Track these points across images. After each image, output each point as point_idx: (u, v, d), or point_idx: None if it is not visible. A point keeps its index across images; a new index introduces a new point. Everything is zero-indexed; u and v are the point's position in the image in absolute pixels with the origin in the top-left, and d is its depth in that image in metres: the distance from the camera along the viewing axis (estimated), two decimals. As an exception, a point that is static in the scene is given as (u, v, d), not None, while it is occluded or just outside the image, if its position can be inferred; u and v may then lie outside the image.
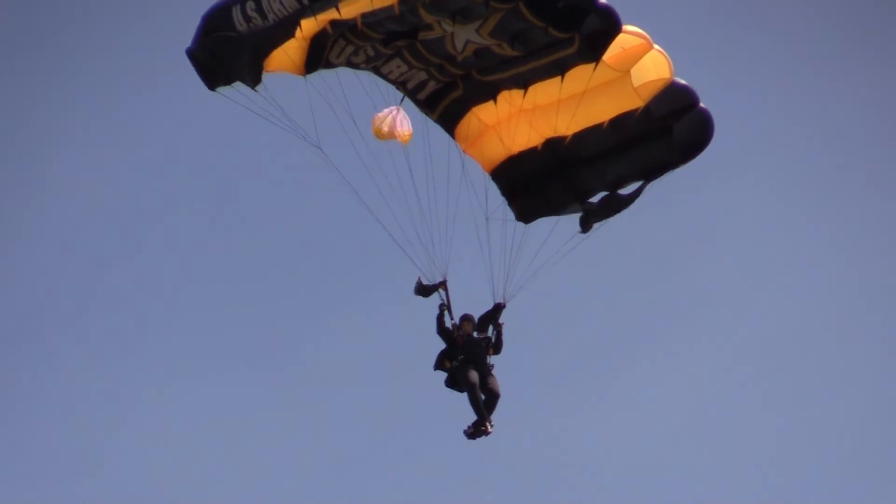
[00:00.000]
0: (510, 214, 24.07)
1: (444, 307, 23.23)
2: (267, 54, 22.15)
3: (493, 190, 24.03)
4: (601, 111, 23.10)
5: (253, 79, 22.19)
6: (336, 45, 22.70)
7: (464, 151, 24.15)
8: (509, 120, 23.80)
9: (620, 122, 23.04)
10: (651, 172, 23.11)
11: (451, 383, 23.15)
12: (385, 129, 23.23)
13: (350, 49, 22.84)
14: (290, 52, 22.50)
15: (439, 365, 23.17)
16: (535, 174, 23.99)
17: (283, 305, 43.53)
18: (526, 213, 24.17)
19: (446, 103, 23.96)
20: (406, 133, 23.33)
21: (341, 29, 22.35)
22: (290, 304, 43.49)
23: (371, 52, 22.97)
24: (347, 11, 21.99)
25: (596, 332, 42.04)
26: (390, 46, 22.94)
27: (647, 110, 22.78)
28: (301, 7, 21.68)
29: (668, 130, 22.72)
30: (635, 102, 22.80)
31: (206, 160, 45.83)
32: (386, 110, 23.40)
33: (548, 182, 23.96)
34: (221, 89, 22.42)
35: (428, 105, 24.00)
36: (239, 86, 22.27)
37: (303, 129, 22.32)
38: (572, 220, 23.52)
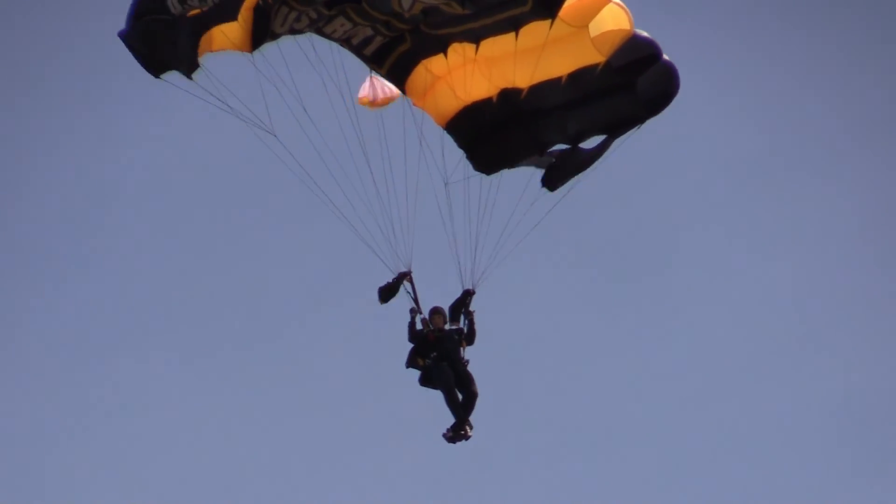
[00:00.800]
0: (470, 171, 23.36)
1: (415, 312, 22.39)
2: (201, 36, 21.10)
3: (451, 156, 23.24)
4: (559, 66, 22.30)
5: (189, 66, 21.13)
6: (279, 14, 21.66)
7: (414, 105, 23.35)
8: (462, 69, 22.97)
9: (579, 76, 22.29)
10: (614, 128, 22.46)
11: (426, 381, 22.35)
12: (380, 96, 22.62)
13: (293, 15, 21.83)
14: (228, 32, 21.45)
15: (411, 363, 22.28)
16: (492, 123, 23.18)
17: (245, 301, 42.40)
18: (484, 163, 23.44)
19: (394, 57, 23.01)
20: (394, 92, 23.17)
21: None
22: (252, 301, 42.41)
23: (314, 15, 21.95)
24: (288, -26, 20.99)
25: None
26: (334, 9, 21.92)
27: (608, 65, 22.06)
28: None
29: (632, 86, 22.04)
30: (595, 58, 22.06)
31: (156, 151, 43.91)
32: (366, 84, 22.82)
33: (505, 131, 23.16)
34: (166, 75, 21.34)
35: (375, 60, 23.03)
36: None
37: (257, 115, 21.31)
38: (536, 190, 22.82)
